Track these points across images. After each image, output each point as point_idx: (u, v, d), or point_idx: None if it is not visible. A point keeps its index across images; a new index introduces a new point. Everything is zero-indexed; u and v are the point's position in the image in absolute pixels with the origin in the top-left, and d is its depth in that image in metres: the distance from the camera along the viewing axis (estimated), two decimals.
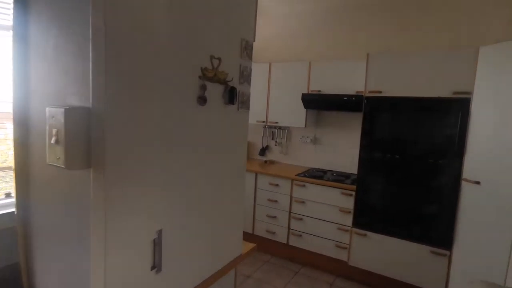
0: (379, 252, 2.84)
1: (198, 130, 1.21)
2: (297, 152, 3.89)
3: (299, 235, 3.29)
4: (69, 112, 0.84)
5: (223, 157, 1.38)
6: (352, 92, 3.10)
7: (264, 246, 3.51)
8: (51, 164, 0.90)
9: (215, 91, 1.26)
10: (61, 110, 0.84)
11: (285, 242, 3.38)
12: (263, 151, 4.10)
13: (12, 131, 1.08)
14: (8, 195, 1.47)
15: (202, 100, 1.19)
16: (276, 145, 4.04)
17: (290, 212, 3.33)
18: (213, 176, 1.33)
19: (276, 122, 3.70)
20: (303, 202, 3.24)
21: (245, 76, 1.45)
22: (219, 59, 1.25)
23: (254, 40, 1.48)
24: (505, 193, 2.12)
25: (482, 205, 2.28)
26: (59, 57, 0.94)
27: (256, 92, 3.39)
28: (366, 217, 2.91)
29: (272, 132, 4.03)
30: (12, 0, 1.02)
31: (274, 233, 3.45)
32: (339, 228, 3.05)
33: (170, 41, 1.03)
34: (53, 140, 0.87)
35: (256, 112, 3.66)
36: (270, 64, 3.65)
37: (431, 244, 2.62)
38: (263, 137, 4.10)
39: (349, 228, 2.99)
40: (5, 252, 1.21)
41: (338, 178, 3.21)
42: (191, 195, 1.22)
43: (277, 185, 3.38)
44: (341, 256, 3.06)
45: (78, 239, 0.92)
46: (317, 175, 3.30)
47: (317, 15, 3.64)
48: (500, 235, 2.13)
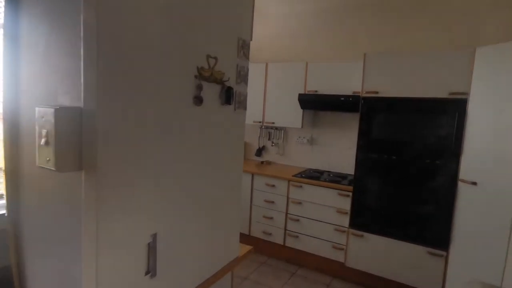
0: (376, 253, 2.84)
1: (194, 131, 1.18)
2: (294, 153, 3.88)
3: (296, 236, 3.27)
4: (60, 112, 0.81)
5: (220, 159, 1.36)
6: (349, 93, 3.10)
7: (261, 247, 3.48)
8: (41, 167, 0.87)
9: (212, 91, 1.24)
10: (51, 110, 0.81)
11: (282, 243, 3.36)
12: (260, 152, 4.08)
13: (2, 132, 1.06)
14: (0, 196, 1.44)
15: (198, 100, 1.17)
16: (273, 146, 4.02)
17: (287, 213, 3.31)
18: (209, 178, 1.30)
19: (273, 123, 3.68)
20: (300, 203, 3.23)
21: (242, 76, 1.43)
22: (216, 59, 1.23)
23: (251, 39, 1.46)
24: (502, 194, 2.12)
25: (479, 206, 2.29)
26: (50, 55, 0.91)
27: (253, 92, 3.37)
28: (363, 218, 2.90)
29: (269, 133, 4.01)
30: None
31: (271, 234, 3.43)
32: (336, 229, 3.04)
33: (165, 40, 1.01)
34: (43, 142, 0.84)
35: (253, 113, 3.64)
36: (267, 64, 3.63)
37: (428, 245, 2.61)
38: (260, 138, 4.08)
39: (346, 229, 2.98)
40: None
41: (335, 179, 3.20)
42: (187, 197, 1.19)
43: (274, 186, 3.36)
44: (338, 257, 3.05)
45: (70, 243, 0.90)
46: (314, 176, 3.29)
47: (314, 15, 3.63)
48: (497, 236, 2.13)
